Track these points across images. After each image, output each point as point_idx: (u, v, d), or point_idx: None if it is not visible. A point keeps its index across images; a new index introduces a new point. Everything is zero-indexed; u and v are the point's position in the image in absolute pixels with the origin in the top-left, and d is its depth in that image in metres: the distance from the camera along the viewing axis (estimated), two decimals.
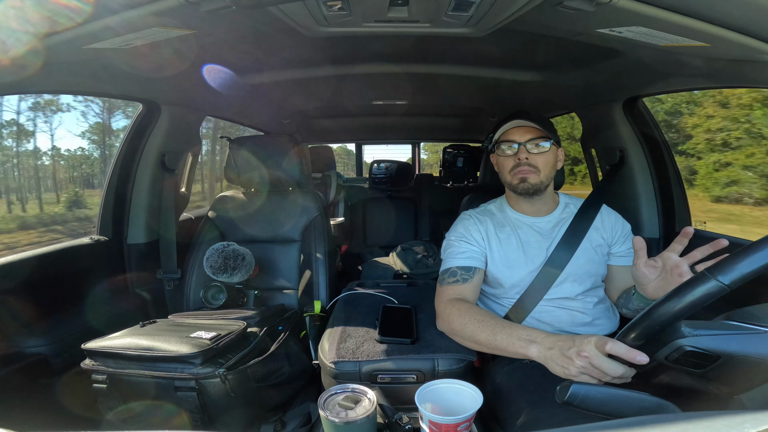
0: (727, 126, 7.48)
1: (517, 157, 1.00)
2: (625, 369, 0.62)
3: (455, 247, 1.03)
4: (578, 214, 1.05)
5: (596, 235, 1.03)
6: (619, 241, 1.04)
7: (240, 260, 1.22)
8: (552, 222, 1.05)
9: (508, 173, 1.02)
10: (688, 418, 0.40)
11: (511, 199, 1.10)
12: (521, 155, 0.99)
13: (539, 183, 1.00)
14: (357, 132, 3.21)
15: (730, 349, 0.50)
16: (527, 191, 1.00)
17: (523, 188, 1.00)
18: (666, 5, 0.68)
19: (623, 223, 1.08)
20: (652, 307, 0.55)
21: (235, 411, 0.89)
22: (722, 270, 0.49)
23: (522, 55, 1.28)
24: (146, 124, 1.44)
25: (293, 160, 1.47)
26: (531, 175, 0.99)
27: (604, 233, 1.04)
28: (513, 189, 1.03)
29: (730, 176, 7.31)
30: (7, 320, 1.02)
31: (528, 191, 1.00)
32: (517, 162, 1.00)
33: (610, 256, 1.05)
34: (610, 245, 1.04)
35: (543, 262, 0.99)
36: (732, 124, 7.41)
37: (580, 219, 1.04)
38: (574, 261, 0.98)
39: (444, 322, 0.94)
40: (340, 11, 0.84)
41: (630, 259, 1.03)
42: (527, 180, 0.99)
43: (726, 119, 7.52)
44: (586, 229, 1.02)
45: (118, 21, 0.73)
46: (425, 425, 0.61)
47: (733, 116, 7.38)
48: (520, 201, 1.06)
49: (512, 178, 1.01)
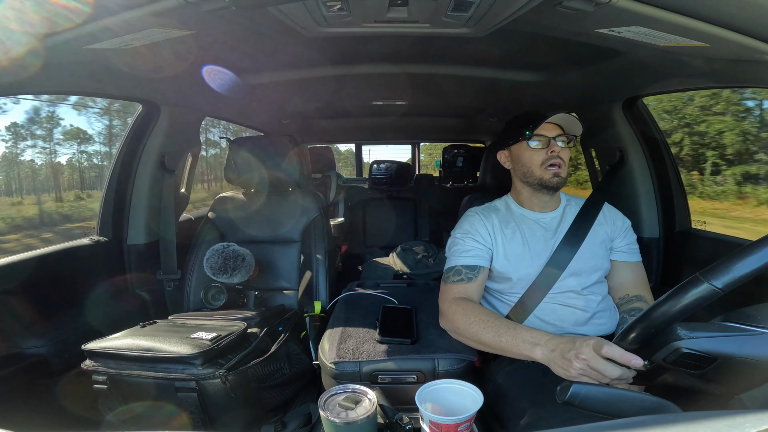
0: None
1: (550, 150, 1.00)
2: (623, 371, 0.62)
3: (460, 244, 1.04)
4: (581, 212, 1.05)
5: (600, 230, 1.04)
6: (620, 236, 1.05)
7: (240, 261, 1.22)
8: (557, 218, 1.06)
9: (538, 167, 1.02)
10: (689, 418, 0.40)
11: (521, 195, 1.10)
12: (554, 148, 1.00)
13: (565, 178, 1.02)
14: (357, 132, 3.21)
15: (727, 351, 0.51)
16: (559, 185, 1.01)
17: (556, 182, 1.00)
18: (665, 5, 0.68)
19: (623, 218, 1.09)
20: (647, 311, 0.55)
21: (235, 411, 0.89)
22: (715, 274, 0.50)
23: (522, 55, 1.28)
24: (146, 124, 1.44)
25: (293, 161, 1.47)
26: (562, 169, 1.00)
27: (606, 227, 1.05)
28: (543, 184, 1.02)
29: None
30: (8, 321, 1.02)
31: (560, 185, 1.02)
32: (549, 155, 1.00)
33: (611, 251, 1.05)
34: (612, 239, 1.05)
35: (548, 257, 1.00)
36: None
37: (583, 216, 1.04)
38: (578, 257, 0.99)
39: (448, 321, 0.94)
40: (339, 12, 0.84)
41: (628, 255, 1.05)
42: (560, 174, 1.00)
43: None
44: (590, 226, 1.02)
45: (118, 22, 0.73)
46: (426, 425, 0.61)
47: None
48: (533, 197, 1.07)
49: (543, 173, 1.01)
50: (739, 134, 8.91)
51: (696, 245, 1.35)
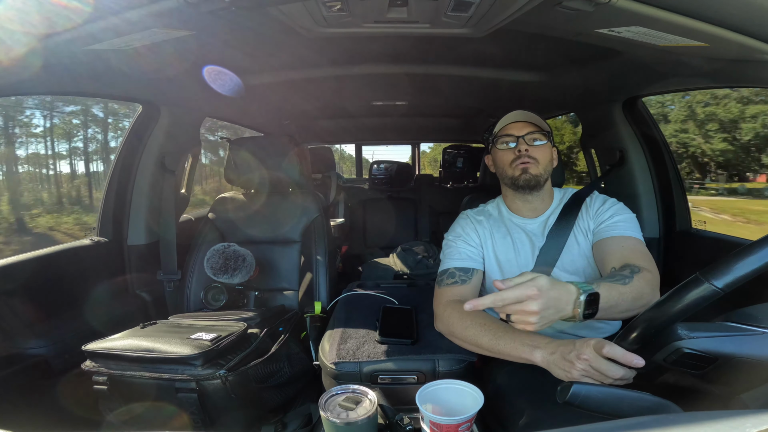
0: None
1: (517, 149, 1.00)
2: (625, 371, 0.62)
3: (453, 247, 1.03)
4: (564, 209, 1.03)
5: (583, 225, 1.00)
6: (595, 218, 0.98)
7: (240, 261, 1.22)
8: (542, 223, 1.04)
9: (508, 166, 1.01)
10: (690, 417, 0.40)
11: (507, 198, 1.09)
12: (521, 147, 0.99)
13: (539, 175, 0.99)
14: (357, 133, 3.21)
15: (727, 351, 0.50)
16: (528, 183, 0.99)
17: (524, 179, 0.99)
18: (665, 5, 0.68)
19: (604, 200, 1.02)
20: (647, 312, 0.55)
21: (235, 412, 0.89)
22: (715, 274, 0.50)
23: (521, 55, 1.28)
24: (146, 124, 1.44)
25: (293, 161, 1.47)
26: (531, 165, 0.98)
27: (590, 220, 1.00)
28: (514, 182, 1.01)
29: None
30: (8, 321, 1.02)
31: (529, 183, 0.99)
32: (517, 154, 0.99)
33: (594, 236, 0.97)
34: (591, 229, 0.99)
35: (534, 262, 0.99)
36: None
37: (565, 213, 1.02)
38: (564, 256, 0.97)
39: (443, 324, 0.93)
40: (339, 12, 0.84)
41: (607, 231, 0.94)
42: (528, 170, 0.98)
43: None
44: (572, 223, 1.00)
45: (118, 22, 0.73)
46: (426, 426, 0.61)
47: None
48: (517, 199, 1.05)
49: (513, 170, 1.00)
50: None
51: (696, 245, 1.35)
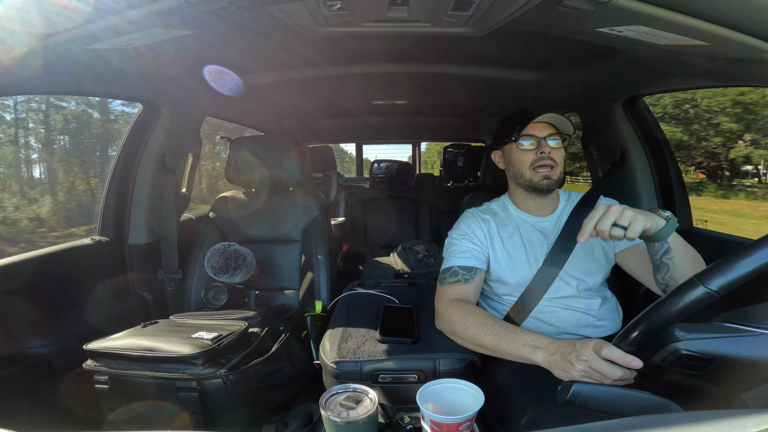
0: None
1: (540, 151, 0.98)
2: (624, 372, 0.63)
3: (457, 245, 1.03)
4: (574, 211, 1.03)
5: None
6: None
7: (241, 260, 1.22)
8: (554, 221, 1.05)
9: (528, 169, 1.00)
10: (690, 417, 0.40)
11: (516, 197, 1.08)
12: (545, 149, 0.98)
13: (558, 179, 0.99)
14: (357, 132, 3.21)
15: (725, 352, 0.51)
16: (550, 188, 0.99)
17: (546, 185, 0.98)
18: (666, 4, 0.67)
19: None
20: (644, 314, 0.56)
21: (236, 411, 0.89)
22: (710, 277, 0.50)
23: (522, 54, 1.27)
24: (146, 124, 1.44)
25: (293, 160, 1.47)
26: (553, 171, 0.98)
27: None
28: (533, 186, 1.00)
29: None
30: (9, 321, 1.02)
31: (550, 188, 0.99)
32: (539, 155, 0.98)
33: (616, 246, 1.01)
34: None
35: (544, 260, 0.98)
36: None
37: (575, 216, 1.01)
38: (572, 258, 0.97)
39: (445, 323, 0.93)
40: (339, 11, 0.84)
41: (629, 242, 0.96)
42: (551, 177, 0.98)
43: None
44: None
45: (118, 22, 0.73)
46: (426, 425, 0.61)
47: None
48: (528, 199, 1.05)
49: (533, 175, 0.99)
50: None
51: (697, 245, 1.35)
